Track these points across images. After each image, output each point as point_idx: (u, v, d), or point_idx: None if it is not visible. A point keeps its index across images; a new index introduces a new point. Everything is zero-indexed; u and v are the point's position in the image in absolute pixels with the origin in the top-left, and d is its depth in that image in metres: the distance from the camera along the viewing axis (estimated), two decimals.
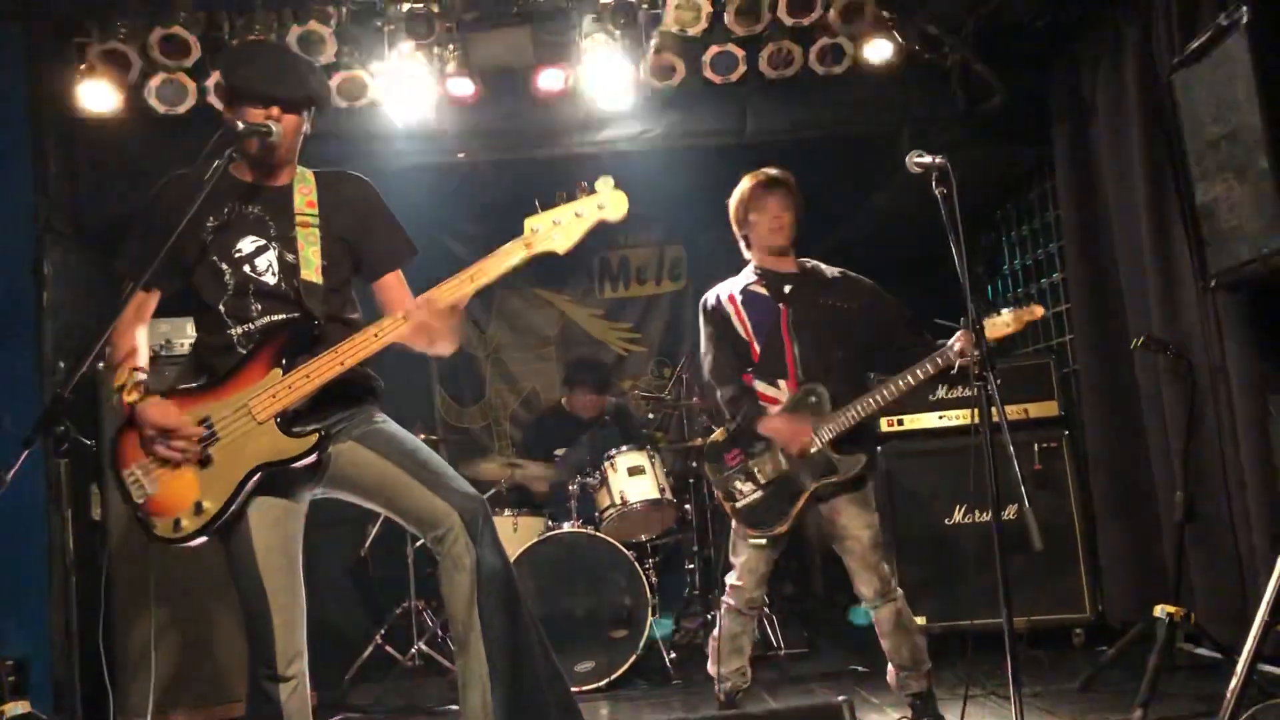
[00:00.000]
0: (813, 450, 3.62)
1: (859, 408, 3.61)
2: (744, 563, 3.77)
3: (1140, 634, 4.10)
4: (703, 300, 3.96)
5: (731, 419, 3.76)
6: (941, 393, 5.19)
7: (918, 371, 3.56)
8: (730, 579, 3.84)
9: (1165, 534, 4.61)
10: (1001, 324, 3.49)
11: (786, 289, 3.82)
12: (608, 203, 2.70)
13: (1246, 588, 4.00)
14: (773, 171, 3.88)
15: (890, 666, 3.78)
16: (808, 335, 3.76)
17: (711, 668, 3.90)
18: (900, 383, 3.58)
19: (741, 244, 3.97)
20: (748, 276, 3.91)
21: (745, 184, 3.90)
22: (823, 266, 3.91)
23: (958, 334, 3.53)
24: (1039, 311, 3.52)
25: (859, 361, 3.82)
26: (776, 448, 3.69)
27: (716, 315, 3.88)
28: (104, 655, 4.45)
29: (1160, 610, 3.85)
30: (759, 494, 3.72)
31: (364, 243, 2.92)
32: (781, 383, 3.75)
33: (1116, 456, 4.94)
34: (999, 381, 2.83)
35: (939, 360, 3.53)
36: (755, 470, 3.73)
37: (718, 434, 3.89)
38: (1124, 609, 4.83)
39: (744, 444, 3.76)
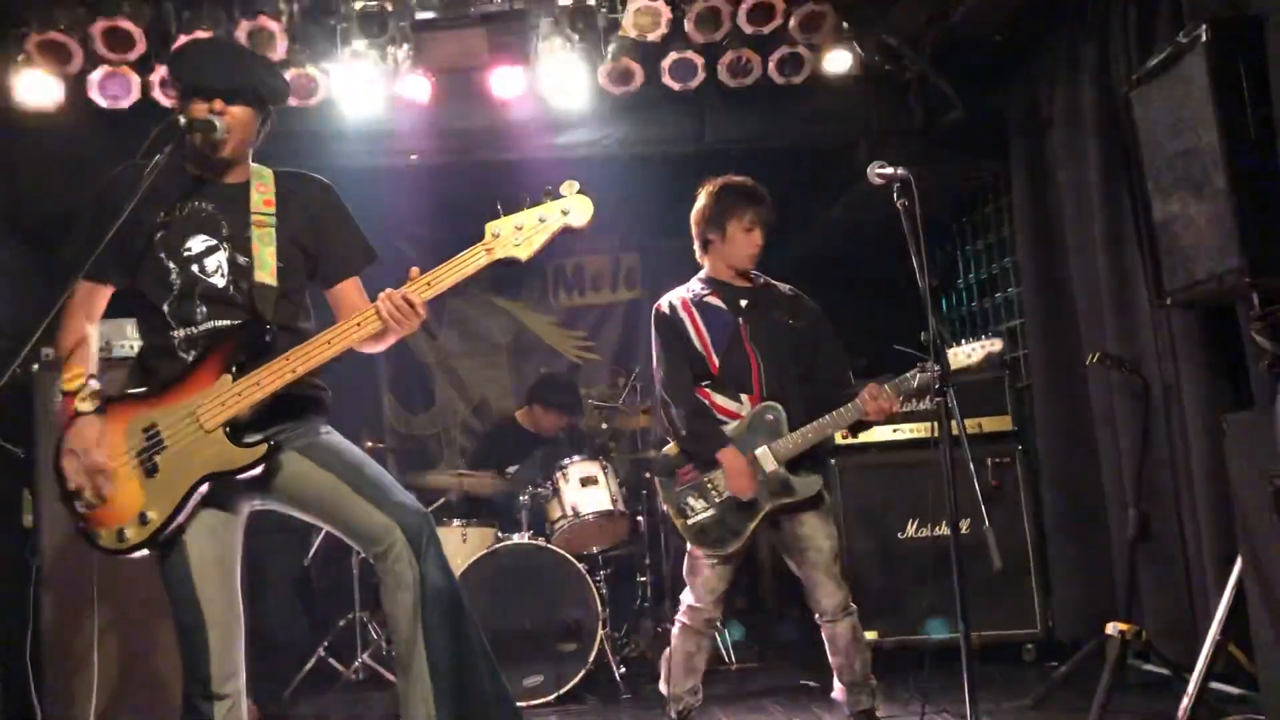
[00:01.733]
0: (769, 469, 3.56)
1: (814, 430, 3.56)
2: (703, 581, 3.66)
3: (1091, 651, 4.09)
4: (655, 309, 3.81)
5: (689, 436, 3.64)
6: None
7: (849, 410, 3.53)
8: (686, 598, 3.74)
9: (1116, 551, 4.62)
10: (964, 355, 3.43)
11: (743, 303, 3.73)
12: (573, 208, 2.60)
13: (1196, 606, 4.02)
14: (759, 188, 3.74)
15: (838, 684, 3.72)
16: (768, 350, 3.68)
17: (664, 686, 3.82)
18: (848, 412, 3.53)
19: (698, 247, 3.82)
20: (699, 287, 3.79)
21: (731, 190, 3.73)
22: (775, 283, 3.85)
23: (866, 388, 3.51)
24: (998, 345, 3.48)
25: (807, 381, 3.76)
26: None
27: (671, 324, 3.74)
28: (31, 666, 4.34)
29: (1112, 628, 3.85)
30: (712, 512, 3.62)
31: (321, 248, 2.82)
32: (745, 397, 3.67)
33: (1069, 472, 4.96)
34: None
35: (854, 409, 3.52)
36: (710, 488, 3.64)
37: (670, 448, 3.78)
38: (1073, 625, 4.84)
39: (699, 460, 3.66)
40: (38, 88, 4.62)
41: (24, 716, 4.34)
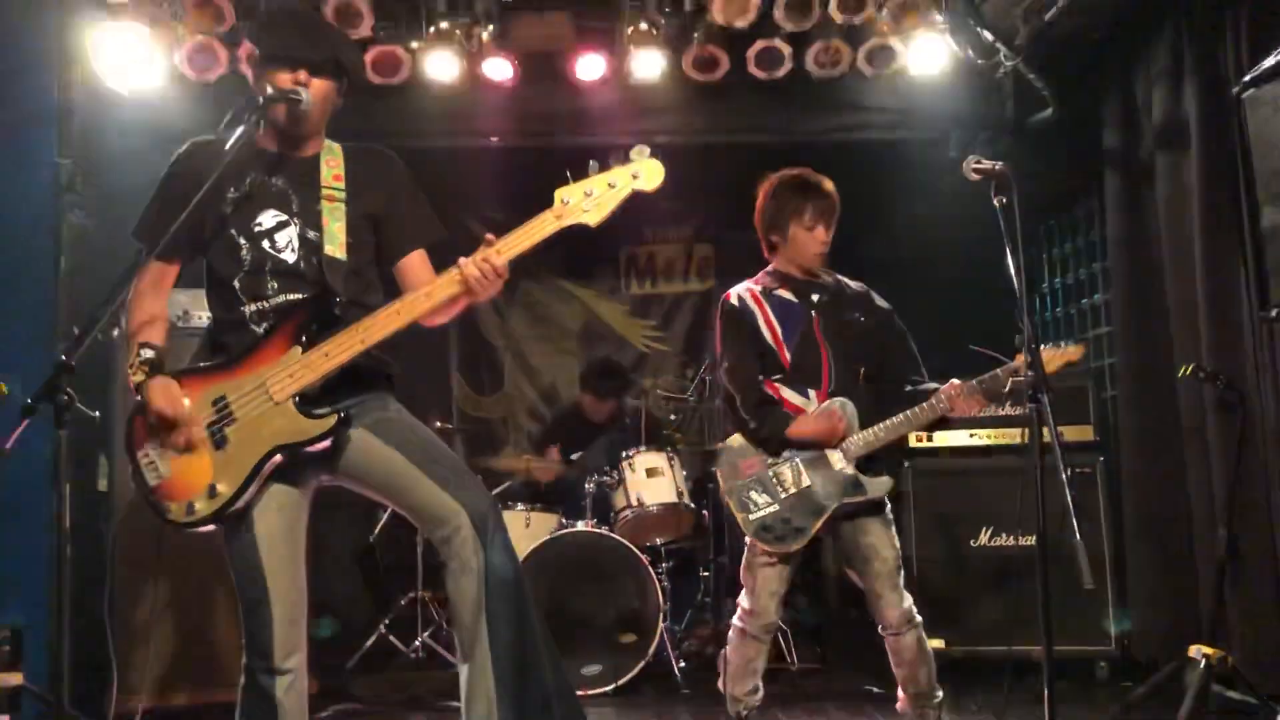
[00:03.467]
0: (839, 467, 3.45)
1: (887, 429, 3.42)
2: (761, 582, 3.51)
3: (1171, 673, 3.94)
4: (723, 299, 3.67)
5: (757, 424, 3.51)
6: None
7: (932, 406, 3.39)
8: (743, 601, 3.58)
9: (1200, 570, 4.45)
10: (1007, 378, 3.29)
11: (815, 296, 3.59)
12: (642, 172, 2.55)
13: None
14: (824, 182, 3.57)
15: (903, 694, 3.58)
16: (839, 347, 3.54)
17: (723, 686, 3.74)
18: (927, 410, 3.40)
19: (764, 245, 3.69)
20: (769, 280, 3.65)
21: (787, 187, 3.58)
22: (845, 279, 3.71)
23: (948, 385, 3.37)
24: (1078, 353, 3.32)
25: (872, 381, 3.61)
26: (799, 460, 3.50)
27: (741, 316, 3.59)
28: (106, 630, 4.40)
29: (1196, 651, 3.70)
30: (775, 508, 3.46)
31: (388, 220, 2.80)
32: (812, 393, 3.52)
33: (1153, 487, 4.78)
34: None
35: (934, 406, 3.38)
36: (774, 482, 3.50)
37: (734, 439, 3.63)
38: (1151, 645, 4.68)
39: (765, 453, 3.53)
40: (128, 59, 4.67)
41: (101, 681, 4.41)
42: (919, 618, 3.49)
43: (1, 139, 4.51)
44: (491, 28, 4.85)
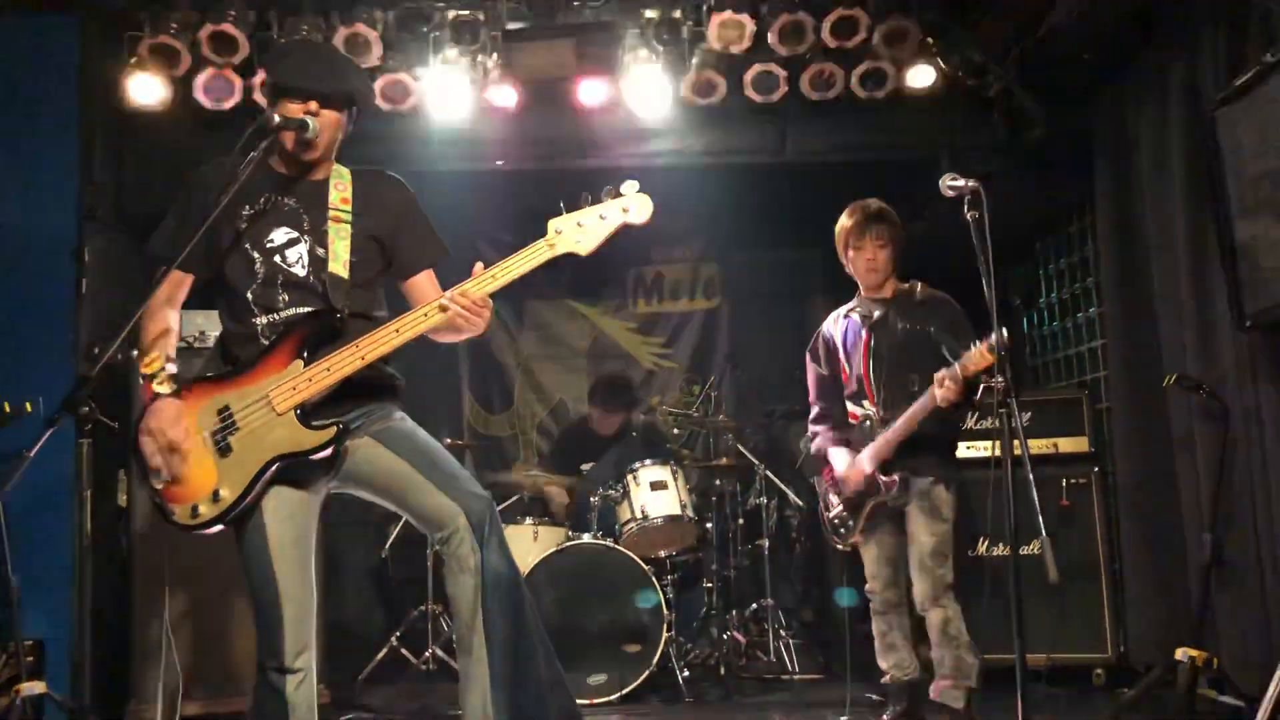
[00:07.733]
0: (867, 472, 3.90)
1: (894, 433, 3.79)
2: (867, 565, 4.07)
3: (1161, 676, 4.02)
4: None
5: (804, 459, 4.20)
6: (969, 423, 5.12)
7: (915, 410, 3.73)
8: (868, 582, 4.10)
9: (1192, 576, 4.53)
10: (977, 356, 3.47)
11: (876, 314, 4.00)
12: (633, 206, 2.71)
13: (1274, 635, 3.92)
14: (873, 206, 4.03)
15: (935, 679, 3.90)
16: (887, 359, 3.91)
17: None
18: (919, 407, 3.71)
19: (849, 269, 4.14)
20: (855, 301, 4.14)
21: (846, 219, 4.05)
22: (918, 287, 4.04)
23: (941, 373, 3.62)
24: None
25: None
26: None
27: (821, 339, 4.18)
28: (125, 641, 4.53)
29: (1182, 653, 3.79)
30: (840, 508, 4.08)
31: (396, 241, 2.94)
32: (866, 404, 3.98)
33: (1146, 495, 4.86)
34: (1029, 415, 2.81)
35: (925, 403, 3.70)
36: (841, 486, 4.07)
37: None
38: (1147, 650, 4.74)
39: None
40: (146, 88, 4.85)
41: (116, 686, 4.55)
42: (947, 601, 3.80)
43: (26, 166, 4.69)
44: (496, 56, 5.00)
